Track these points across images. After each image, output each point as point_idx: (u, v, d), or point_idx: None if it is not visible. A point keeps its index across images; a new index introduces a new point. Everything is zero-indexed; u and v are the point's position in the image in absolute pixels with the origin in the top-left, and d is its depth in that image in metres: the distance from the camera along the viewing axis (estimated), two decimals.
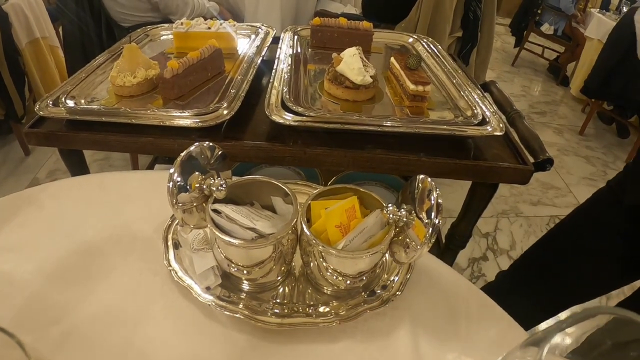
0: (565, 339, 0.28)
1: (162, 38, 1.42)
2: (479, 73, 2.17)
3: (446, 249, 1.25)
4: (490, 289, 1.30)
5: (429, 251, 0.67)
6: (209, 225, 0.55)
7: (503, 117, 0.97)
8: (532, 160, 0.95)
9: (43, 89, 2.75)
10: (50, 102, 0.96)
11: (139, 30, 1.43)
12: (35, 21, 2.67)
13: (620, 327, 0.28)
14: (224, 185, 0.57)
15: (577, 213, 1.10)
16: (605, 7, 4.62)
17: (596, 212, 1.06)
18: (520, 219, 2.48)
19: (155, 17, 2.26)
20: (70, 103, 0.97)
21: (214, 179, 0.58)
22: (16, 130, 2.64)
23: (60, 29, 2.87)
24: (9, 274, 0.65)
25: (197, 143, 0.60)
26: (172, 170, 0.56)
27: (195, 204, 0.58)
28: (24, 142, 2.66)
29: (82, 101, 1.00)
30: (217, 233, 0.53)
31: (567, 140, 3.42)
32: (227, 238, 0.53)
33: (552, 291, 1.08)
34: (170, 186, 0.55)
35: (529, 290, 1.14)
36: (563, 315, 0.31)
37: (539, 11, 4.52)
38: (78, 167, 1.11)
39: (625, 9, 4.04)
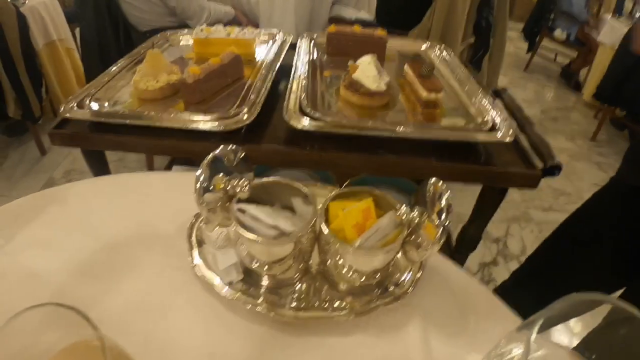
0: (557, 324, 0.31)
1: (181, 43, 1.46)
2: (491, 79, 2.19)
3: (456, 252, 1.28)
4: (502, 288, 1.32)
5: (440, 252, 0.70)
6: (234, 223, 0.59)
7: (513, 123, 0.99)
8: (541, 165, 0.98)
9: (59, 90, 2.81)
10: (75, 105, 1.00)
11: (159, 35, 1.47)
12: (52, 23, 2.73)
13: (613, 311, 0.31)
14: (247, 186, 0.60)
15: (580, 209, 1.13)
16: (618, 12, 4.59)
17: (595, 207, 1.08)
18: (531, 224, 2.49)
19: (173, 21, 2.31)
20: (95, 106, 1.01)
21: (238, 180, 0.61)
22: (33, 131, 2.69)
23: (76, 31, 2.93)
24: (35, 270, 0.67)
25: (222, 146, 0.64)
26: (199, 172, 0.60)
27: (219, 204, 0.62)
28: (40, 141, 2.71)
29: (106, 104, 1.04)
30: (241, 231, 0.57)
31: (579, 146, 3.41)
32: (251, 235, 0.56)
33: (555, 290, 1.09)
34: (197, 186, 0.59)
35: (534, 289, 1.16)
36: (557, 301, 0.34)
37: (551, 16, 4.50)
38: (99, 167, 1.14)
39: (638, 14, 4.02)
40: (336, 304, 0.63)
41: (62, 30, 2.87)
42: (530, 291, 1.16)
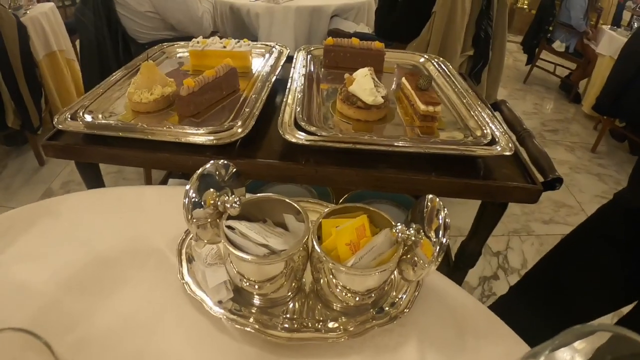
0: (565, 354, 0.29)
1: (178, 55, 1.45)
2: (490, 91, 2.18)
3: (455, 267, 1.26)
4: (500, 303, 1.30)
5: (438, 269, 0.68)
6: (222, 241, 0.57)
7: (513, 136, 0.98)
8: (541, 179, 0.96)
9: (59, 101, 2.82)
10: (69, 116, 0.99)
11: (155, 47, 1.46)
12: (53, 34, 2.74)
13: (619, 343, 0.29)
14: (238, 203, 0.58)
15: (581, 227, 1.11)
16: (616, 23, 4.61)
17: (599, 225, 1.06)
18: (531, 237, 2.47)
19: (171, 34, 2.31)
20: (88, 118, 1.00)
21: (228, 196, 0.60)
22: (32, 141, 2.70)
23: (77, 42, 2.93)
24: (25, 282, 0.66)
25: (212, 161, 0.62)
26: (188, 187, 0.58)
27: (209, 220, 0.60)
28: (39, 152, 2.72)
29: (100, 116, 1.03)
30: (230, 249, 0.55)
31: (579, 158, 3.40)
32: (240, 254, 0.54)
33: (555, 307, 1.08)
34: (186, 202, 0.57)
35: (534, 305, 1.14)
36: (564, 332, 0.32)
37: (550, 28, 4.52)
38: (94, 179, 1.13)
39: (636, 25, 4.03)
40: (330, 325, 0.61)
41: (63, 41, 2.88)
42: (529, 307, 1.14)
